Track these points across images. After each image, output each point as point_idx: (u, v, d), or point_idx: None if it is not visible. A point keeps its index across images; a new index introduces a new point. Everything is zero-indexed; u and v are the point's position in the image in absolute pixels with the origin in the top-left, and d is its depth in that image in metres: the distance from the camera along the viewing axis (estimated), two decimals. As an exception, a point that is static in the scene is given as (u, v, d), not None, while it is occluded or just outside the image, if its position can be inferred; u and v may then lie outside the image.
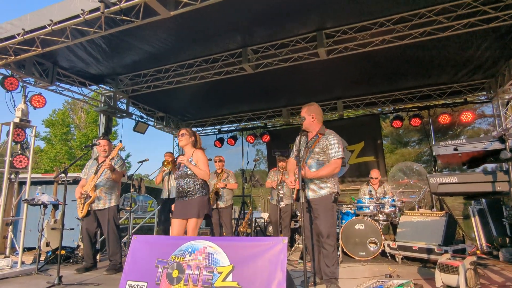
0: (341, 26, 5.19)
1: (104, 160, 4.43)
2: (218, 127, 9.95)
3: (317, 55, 5.51)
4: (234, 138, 9.52)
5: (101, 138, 4.60)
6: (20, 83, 5.26)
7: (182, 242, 2.30)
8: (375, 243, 4.76)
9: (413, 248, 4.58)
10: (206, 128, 10.20)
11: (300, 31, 5.33)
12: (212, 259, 2.20)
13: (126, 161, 27.59)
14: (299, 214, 6.04)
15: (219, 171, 5.69)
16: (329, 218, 3.10)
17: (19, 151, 4.84)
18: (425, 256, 4.48)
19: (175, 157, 5.64)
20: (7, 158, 4.66)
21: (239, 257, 2.13)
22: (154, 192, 9.40)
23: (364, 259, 4.74)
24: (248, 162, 8.65)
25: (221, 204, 5.55)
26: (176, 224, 3.47)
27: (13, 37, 4.32)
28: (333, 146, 3.10)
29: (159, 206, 7.36)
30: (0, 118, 4.73)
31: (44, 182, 7.29)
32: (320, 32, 5.25)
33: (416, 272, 3.96)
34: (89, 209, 4.33)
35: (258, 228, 6.98)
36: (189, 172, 3.51)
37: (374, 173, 5.96)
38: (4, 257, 4.63)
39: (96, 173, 4.35)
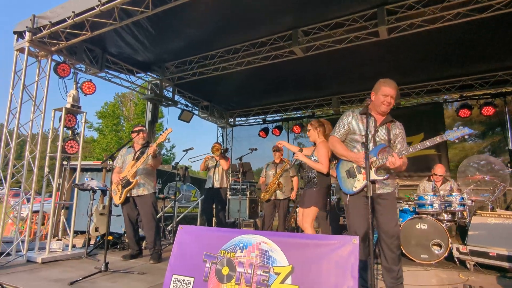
0: (406, 0, 4.62)
1: (141, 148, 4.36)
2: (263, 116, 9.82)
3: (377, 34, 5.02)
4: (280, 128, 9.30)
5: (139, 128, 4.51)
6: (72, 70, 5.28)
7: (232, 236, 2.04)
8: (439, 245, 4.33)
9: (490, 254, 4.03)
10: (251, 118, 10.14)
11: (358, 8, 4.89)
12: (267, 257, 1.93)
13: (170, 152, 29.04)
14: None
15: (277, 160, 5.54)
16: (396, 216, 2.82)
17: (70, 137, 4.86)
18: (505, 264, 3.88)
19: (222, 147, 5.74)
20: (59, 143, 4.69)
21: (299, 257, 1.86)
22: (197, 182, 9.45)
23: (427, 262, 4.33)
24: (294, 154, 8.52)
25: (279, 195, 5.36)
26: (299, 213, 3.53)
27: (64, 20, 4.33)
28: (404, 139, 2.87)
29: (203, 196, 7.32)
30: (51, 105, 4.66)
31: (95, 169, 7.48)
32: (381, 8, 4.76)
33: (496, 283, 3.49)
34: (128, 195, 4.25)
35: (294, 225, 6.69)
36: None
37: (439, 169, 5.33)
38: (57, 240, 4.73)
39: (137, 159, 4.25)
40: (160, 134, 4.00)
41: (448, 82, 7.16)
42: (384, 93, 2.76)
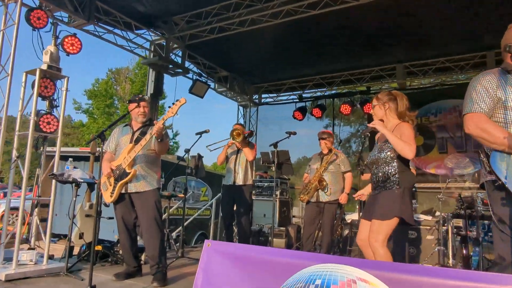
0: None
1: (142, 127, 4.21)
2: (299, 92, 9.74)
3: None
4: (322, 108, 9.13)
5: (140, 96, 4.30)
6: (50, 20, 4.90)
7: (303, 264, 1.46)
8: None
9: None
10: (282, 94, 10.10)
11: None
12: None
13: (174, 140, 29.50)
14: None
15: (325, 151, 5.49)
16: None
17: (47, 109, 4.55)
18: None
19: (245, 130, 5.80)
20: (32, 118, 4.34)
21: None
22: (208, 177, 9.45)
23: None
24: (341, 141, 8.89)
25: (323, 197, 5.28)
26: (363, 227, 3.32)
27: None
28: None
29: (219, 195, 7.37)
30: (21, 66, 4.39)
31: (80, 157, 7.40)
32: None
33: None
34: (123, 192, 4.09)
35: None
36: (384, 154, 3.30)
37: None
38: (29, 249, 4.43)
39: (136, 141, 4.07)
40: (169, 108, 3.82)
41: None
42: None
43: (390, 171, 3.23)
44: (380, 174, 3.28)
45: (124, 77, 27.62)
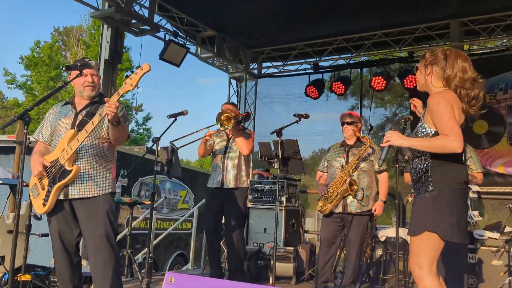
0: None
1: (88, 106, 4.17)
2: (314, 59, 9.74)
3: None
4: (346, 82, 9.13)
5: (85, 61, 4.25)
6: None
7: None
8: None
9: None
10: (291, 63, 10.12)
11: None
12: None
13: (143, 127, 29.64)
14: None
15: (350, 141, 5.60)
16: None
17: None
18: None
19: (239, 112, 6.04)
20: None
21: None
22: (189, 176, 9.85)
23: None
24: (371, 128, 9.00)
25: (353, 207, 5.39)
26: (412, 244, 3.37)
27: None
28: None
29: (203, 202, 7.80)
30: None
31: (9, 149, 7.34)
32: None
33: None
34: (61, 198, 4.00)
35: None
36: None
37: None
38: None
39: (79, 126, 3.99)
40: (127, 78, 3.85)
41: None
42: None
43: (421, 166, 3.30)
44: (412, 171, 3.42)
45: (75, 39, 27.70)
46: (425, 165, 3.31)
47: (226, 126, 5.48)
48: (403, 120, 4.00)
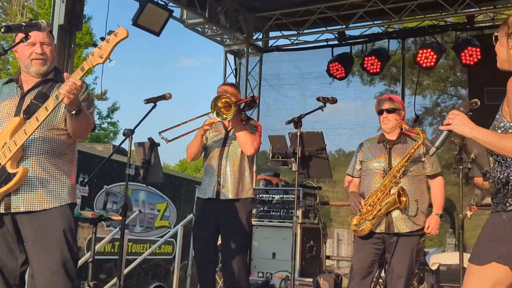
0: None
1: (39, 85, 4.14)
2: (339, 27, 10.05)
3: None
4: (382, 56, 9.42)
5: (33, 21, 4.11)
6: None
7: None
8: None
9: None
10: (307, 31, 10.40)
11: None
12: None
13: (108, 119, 29.83)
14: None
15: (392, 135, 5.59)
16: None
17: None
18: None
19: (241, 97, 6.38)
20: None
21: None
22: (171, 184, 9.72)
23: None
24: (417, 118, 9.16)
25: (400, 225, 5.39)
26: (471, 274, 3.38)
27: None
28: None
29: (190, 217, 7.77)
30: None
31: None
32: None
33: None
34: (1, 211, 3.98)
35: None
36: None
37: None
38: None
39: (28, 113, 3.96)
40: (95, 47, 3.75)
41: None
42: None
43: (500, 176, 3.31)
44: (491, 181, 3.44)
45: (19, 5, 28.09)
46: (505, 174, 3.28)
47: (224, 116, 5.41)
48: (462, 109, 3.91)
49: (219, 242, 5.79)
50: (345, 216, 9.40)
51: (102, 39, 3.68)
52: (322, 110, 5.65)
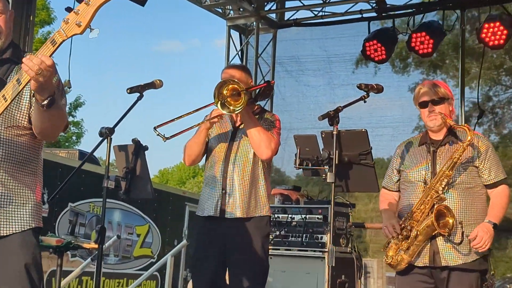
0: None
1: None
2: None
3: None
4: (434, 33, 9.93)
5: None
6: None
7: None
8: None
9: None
10: (336, 0, 10.52)
11: None
12: None
13: (72, 118, 30.35)
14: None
15: (438, 135, 5.64)
16: None
17: None
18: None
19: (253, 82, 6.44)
20: None
21: None
22: (151, 200, 9.82)
23: None
24: (482, 114, 9.78)
25: (449, 255, 5.35)
26: None
27: None
28: None
29: (182, 244, 8.38)
30: None
31: None
32: None
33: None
34: None
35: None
36: None
37: None
38: None
39: None
40: (72, 9, 3.65)
41: None
42: None
43: None
44: None
45: None
46: None
47: (231, 107, 5.42)
48: None
49: (227, 275, 5.76)
50: (382, 242, 9.51)
51: (69, 9, 3.57)
52: (365, 102, 5.64)
